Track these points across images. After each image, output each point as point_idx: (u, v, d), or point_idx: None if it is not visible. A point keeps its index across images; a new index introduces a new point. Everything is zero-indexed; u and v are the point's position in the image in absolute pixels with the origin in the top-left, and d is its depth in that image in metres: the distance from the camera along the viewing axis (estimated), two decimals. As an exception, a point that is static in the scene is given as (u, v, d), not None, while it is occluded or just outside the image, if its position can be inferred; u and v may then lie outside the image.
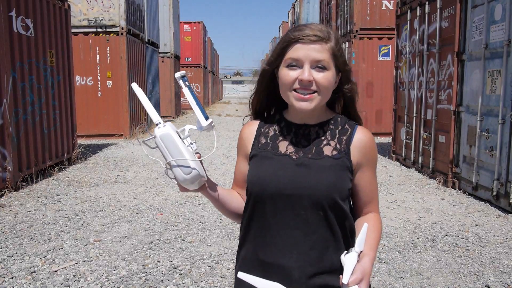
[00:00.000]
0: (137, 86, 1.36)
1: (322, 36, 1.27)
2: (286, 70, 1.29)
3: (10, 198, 5.99)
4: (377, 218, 1.39)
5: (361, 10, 12.65)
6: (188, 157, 1.25)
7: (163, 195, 6.24)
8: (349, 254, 1.22)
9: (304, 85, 1.26)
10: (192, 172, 1.25)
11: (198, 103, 1.33)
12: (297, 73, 1.27)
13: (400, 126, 9.11)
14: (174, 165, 1.25)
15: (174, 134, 1.26)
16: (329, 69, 1.28)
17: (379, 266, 3.80)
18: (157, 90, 17.74)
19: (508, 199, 5.38)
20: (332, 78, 1.29)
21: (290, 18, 29.96)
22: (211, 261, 3.90)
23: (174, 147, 1.25)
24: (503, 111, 5.47)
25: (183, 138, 1.29)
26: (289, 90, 1.29)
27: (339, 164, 1.31)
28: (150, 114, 1.31)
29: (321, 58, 1.26)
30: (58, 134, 8.16)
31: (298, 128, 1.37)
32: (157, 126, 1.28)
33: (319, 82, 1.26)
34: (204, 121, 1.31)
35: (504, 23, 5.48)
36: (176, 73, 1.32)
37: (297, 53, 1.26)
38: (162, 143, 1.25)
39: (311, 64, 1.26)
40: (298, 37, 1.27)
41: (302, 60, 1.26)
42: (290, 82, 1.27)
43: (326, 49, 1.27)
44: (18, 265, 3.78)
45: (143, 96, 1.33)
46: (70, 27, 8.89)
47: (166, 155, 1.25)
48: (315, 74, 1.26)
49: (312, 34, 1.26)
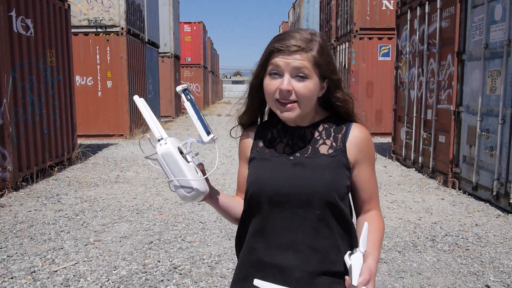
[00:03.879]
0: (138, 98, 1.35)
1: (302, 46, 1.25)
2: (268, 79, 1.29)
3: (10, 198, 5.99)
4: (378, 216, 1.39)
5: (361, 10, 12.66)
6: (190, 176, 1.25)
7: (163, 195, 6.24)
8: (354, 255, 1.20)
9: (283, 95, 1.25)
10: (193, 191, 1.26)
11: (199, 117, 1.32)
12: (278, 82, 1.26)
13: (400, 126, 9.12)
14: (176, 185, 1.25)
15: (176, 152, 1.25)
16: (311, 78, 1.26)
17: (379, 266, 3.80)
18: (157, 90, 17.75)
19: (508, 199, 5.38)
20: (313, 87, 1.27)
21: (290, 18, 29.95)
22: (211, 261, 3.90)
23: (175, 166, 1.25)
24: (503, 111, 5.47)
25: (185, 154, 1.29)
26: (272, 99, 1.29)
27: (336, 161, 1.31)
28: (152, 128, 1.30)
29: (300, 65, 1.24)
30: (58, 134, 8.16)
31: (294, 129, 1.37)
32: (158, 142, 1.28)
33: (298, 92, 1.25)
34: (205, 137, 1.32)
35: (504, 23, 5.48)
36: (178, 87, 1.32)
37: (277, 62, 1.26)
38: (164, 161, 1.25)
39: (291, 73, 1.25)
40: (278, 47, 1.26)
41: (282, 68, 1.25)
42: (272, 92, 1.27)
43: (307, 58, 1.25)
44: (18, 265, 3.78)
45: (145, 108, 1.31)
46: (70, 27, 8.89)
47: (168, 173, 1.26)
48: (295, 83, 1.25)
49: (292, 44, 1.25)
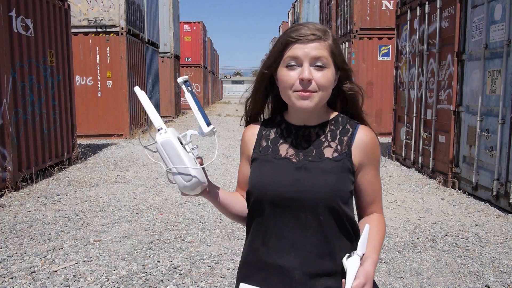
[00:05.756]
0: (139, 90, 1.35)
1: (319, 35, 1.26)
2: (285, 71, 1.27)
3: (10, 198, 5.99)
4: (380, 219, 1.37)
5: (361, 10, 12.65)
6: (189, 164, 1.25)
7: (163, 195, 6.24)
8: (351, 258, 1.20)
9: (304, 85, 1.25)
10: (192, 179, 1.26)
11: (200, 108, 1.32)
12: (297, 72, 1.25)
13: (400, 126, 9.11)
14: (175, 172, 1.26)
15: (175, 141, 1.26)
16: (328, 67, 1.27)
17: (379, 266, 3.80)
18: (157, 90, 17.74)
19: (508, 199, 5.38)
20: (331, 76, 1.28)
21: (290, 18, 29.96)
22: (211, 261, 3.90)
23: (174, 154, 1.25)
24: (503, 111, 5.47)
25: (185, 144, 1.29)
26: (290, 90, 1.27)
27: (340, 166, 1.29)
28: (152, 118, 1.30)
29: (319, 55, 1.25)
30: (58, 134, 8.16)
31: (298, 129, 1.36)
32: (158, 131, 1.28)
33: (318, 81, 1.25)
34: (205, 127, 1.31)
35: (504, 23, 5.48)
36: (179, 78, 1.32)
37: (296, 52, 1.26)
38: (163, 150, 1.26)
39: (310, 62, 1.25)
40: (296, 37, 1.26)
41: (301, 58, 1.25)
42: (291, 82, 1.26)
43: (325, 46, 1.26)
44: (18, 265, 3.78)
45: (145, 100, 1.32)
46: (70, 27, 8.89)
47: (167, 161, 1.26)
48: (314, 73, 1.25)
49: (309, 33, 1.25)
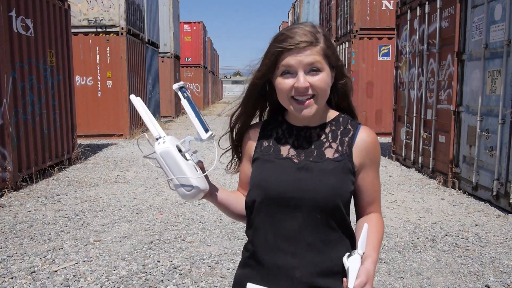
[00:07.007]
0: (135, 97, 1.32)
1: (310, 40, 1.24)
2: (281, 79, 1.27)
3: (10, 198, 5.99)
4: (379, 218, 1.38)
5: (361, 10, 12.65)
6: (189, 174, 1.24)
7: (163, 195, 6.24)
8: (352, 257, 1.20)
9: (300, 92, 1.25)
10: (193, 190, 1.25)
11: (197, 114, 1.31)
12: (293, 80, 1.25)
13: (400, 126, 9.11)
14: (176, 183, 1.25)
15: (174, 150, 1.24)
16: (323, 70, 1.26)
17: (379, 266, 3.80)
18: (157, 90, 17.75)
19: (508, 199, 5.38)
20: (327, 78, 1.27)
21: (290, 18, 29.95)
22: (211, 261, 3.90)
23: (174, 164, 1.24)
24: (503, 111, 5.47)
25: (184, 152, 1.28)
26: (288, 98, 1.27)
27: (341, 167, 1.29)
28: (149, 127, 1.28)
29: (313, 60, 1.24)
30: (58, 134, 8.16)
31: (299, 130, 1.36)
32: (157, 140, 1.26)
33: (315, 86, 1.24)
34: (204, 134, 1.30)
35: (504, 23, 5.48)
36: (174, 84, 1.31)
37: (289, 62, 1.24)
38: (163, 160, 1.24)
39: (305, 69, 1.24)
40: (286, 47, 1.24)
41: (295, 67, 1.24)
42: (287, 90, 1.26)
43: (317, 51, 1.25)
44: (18, 265, 3.78)
45: (142, 107, 1.29)
46: (70, 27, 8.89)
47: (167, 172, 1.25)
48: (310, 78, 1.24)
49: (300, 41, 1.23)
